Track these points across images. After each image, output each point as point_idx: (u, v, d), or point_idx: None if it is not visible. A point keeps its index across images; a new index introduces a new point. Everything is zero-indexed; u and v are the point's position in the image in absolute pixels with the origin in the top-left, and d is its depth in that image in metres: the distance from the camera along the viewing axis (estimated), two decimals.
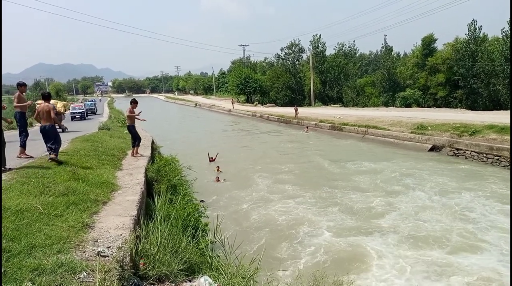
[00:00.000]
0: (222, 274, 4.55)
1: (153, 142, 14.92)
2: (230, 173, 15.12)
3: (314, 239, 8.51)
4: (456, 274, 6.79)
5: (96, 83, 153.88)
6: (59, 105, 21.81)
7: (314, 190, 12.27)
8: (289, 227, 9.25)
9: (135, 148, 10.70)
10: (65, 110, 26.35)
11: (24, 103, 8.88)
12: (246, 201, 11.49)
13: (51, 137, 7.88)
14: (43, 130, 7.90)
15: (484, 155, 15.23)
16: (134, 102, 10.55)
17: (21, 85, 8.99)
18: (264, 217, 10.05)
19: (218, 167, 14.77)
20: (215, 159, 15.82)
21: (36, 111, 8.06)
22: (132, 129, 10.57)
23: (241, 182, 13.66)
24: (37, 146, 9.67)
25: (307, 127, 28.24)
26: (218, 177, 13.92)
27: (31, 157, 8.77)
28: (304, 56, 53.64)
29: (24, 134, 8.97)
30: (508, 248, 7.47)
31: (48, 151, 7.98)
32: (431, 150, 17.82)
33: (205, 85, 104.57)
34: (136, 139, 10.61)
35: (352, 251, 7.85)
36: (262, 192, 12.34)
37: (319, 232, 8.86)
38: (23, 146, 8.86)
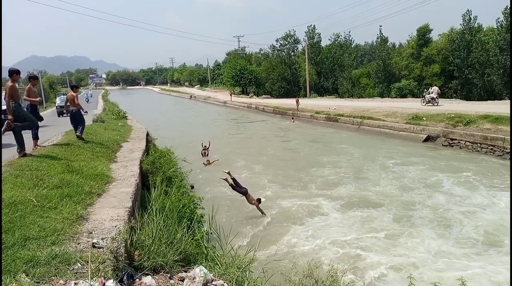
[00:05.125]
0: (218, 265, 4.56)
1: (148, 134, 14.86)
2: (224, 160, 15.68)
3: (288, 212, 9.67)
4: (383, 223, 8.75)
5: (90, 76, 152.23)
6: None
7: (292, 171, 13.61)
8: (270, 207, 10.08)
9: None
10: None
11: (34, 99, 8.73)
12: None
13: (76, 119, 9.88)
14: (71, 114, 9.92)
15: (478, 145, 15.33)
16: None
17: (33, 79, 8.88)
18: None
19: (206, 153, 16.17)
20: (208, 147, 16.36)
21: (66, 99, 10.37)
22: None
23: (231, 167, 14.21)
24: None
25: (293, 118, 29.12)
26: (207, 161, 15.20)
27: (43, 146, 8.86)
28: (300, 47, 53.44)
29: (35, 126, 8.94)
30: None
31: (75, 130, 9.97)
32: (426, 140, 17.91)
33: (200, 77, 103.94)
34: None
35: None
36: (249, 175, 13.17)
37: (293, 205, 10.13)
38: (35, 138, 8.85)
